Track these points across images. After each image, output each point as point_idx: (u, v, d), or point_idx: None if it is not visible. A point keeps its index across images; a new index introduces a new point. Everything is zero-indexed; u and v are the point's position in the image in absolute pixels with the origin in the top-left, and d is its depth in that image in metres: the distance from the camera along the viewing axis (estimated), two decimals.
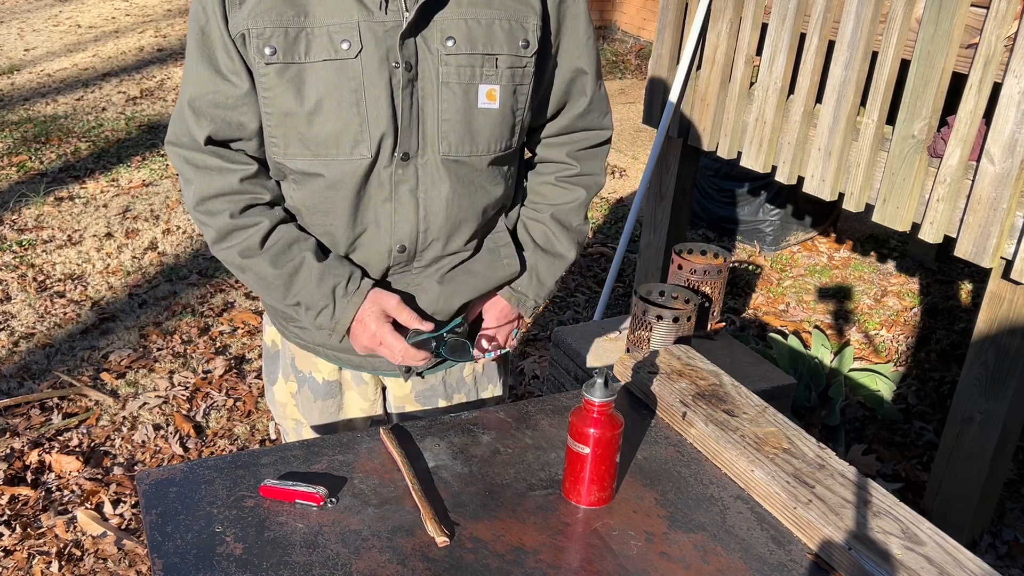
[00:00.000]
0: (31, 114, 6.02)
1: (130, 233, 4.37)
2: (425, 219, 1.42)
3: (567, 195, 1.57)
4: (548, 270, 1.58)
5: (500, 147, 1.42)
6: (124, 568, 2.40)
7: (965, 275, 4.22)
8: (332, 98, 1.32)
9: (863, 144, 2.58)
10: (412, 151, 1.37)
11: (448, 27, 1.33)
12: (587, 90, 1.50)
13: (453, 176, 1.40)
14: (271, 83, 1.31)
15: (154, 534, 1.18)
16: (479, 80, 1.35)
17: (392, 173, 1.37)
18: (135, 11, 9.15)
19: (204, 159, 1.38)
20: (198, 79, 1.34)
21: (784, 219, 4.40)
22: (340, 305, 1.41)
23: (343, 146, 1.34)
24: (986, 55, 2.23)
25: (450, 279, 1.49)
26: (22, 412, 3.01)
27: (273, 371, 1.68)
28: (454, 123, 1.36)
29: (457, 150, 1.38)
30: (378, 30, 1.30)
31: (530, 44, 1.37)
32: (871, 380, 3.20)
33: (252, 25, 1.28)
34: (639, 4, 8.28)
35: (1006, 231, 2.29)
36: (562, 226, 1.57)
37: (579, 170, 1.56)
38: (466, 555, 1.18)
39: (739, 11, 2.90)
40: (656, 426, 1.50)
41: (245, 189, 1.39)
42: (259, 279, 1.42)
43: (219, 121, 1.35)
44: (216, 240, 1.41)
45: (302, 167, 1.37)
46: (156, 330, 3.53)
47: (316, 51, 1.30)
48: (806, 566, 1.20)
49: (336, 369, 1.61)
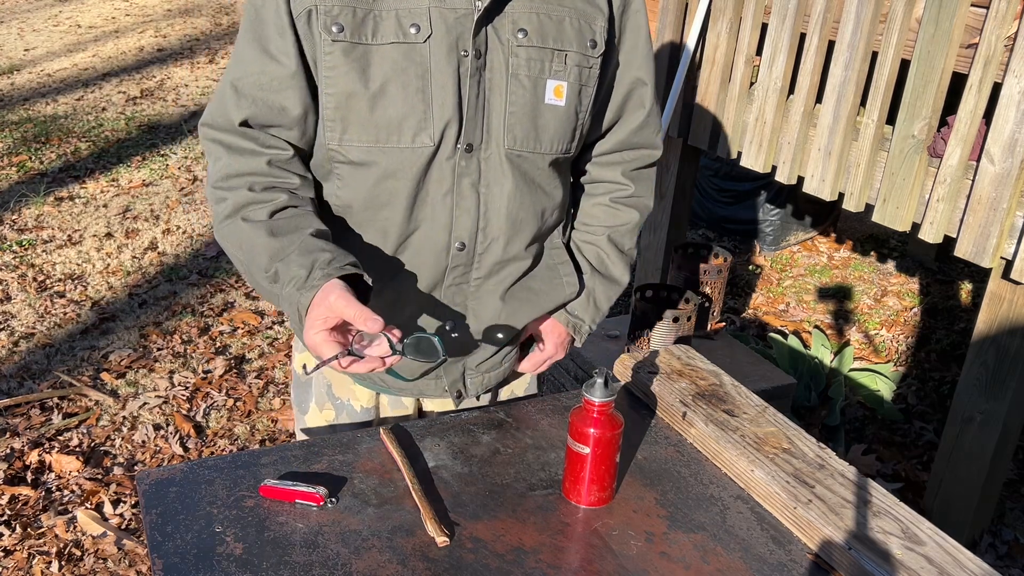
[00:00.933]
0: (31, 114, 6.03)
1: (130, 233, 4.37)
2: (486, 215, 1.36)
3: (622, 216, 1.53)
4: (604, 294, 1.54)
5: (562, 148, 1.38)
6: (124, 568, 2.40)
7: (965, 275, 4.22)
8: (397, 82, 1.28)
9: (863, 144, 2.58)
10: (476, 143, 1.33)
11: (520, 19, 1.30)
12: (645, 103, 1.47)
13: (516, 172, 1.36)
14: (336, 62, 1.27)
15: (154, 534, 1.18)
16: (548, 75, 1.33)
17: (455, 165, 1.33)
18: (135, 11, 9.15)
19: (236, 140, 1.32)
20: (245, 60, 1.30)
21: (784, 219, 4.40)
22: (314, 276, 1.22)
23: (405, 133, 1.30)
24: (986, 55, 2.23)
25: (512, 296, 1.44)
26: (22, 412, 3.01)
27: (304, 399, 1.62)
28: (520, 116, 1.33)
29: (522, 145, 1.34)
30: (449, 16, 1.27)
31: (597, 44, 1.35)
32: (871, 380, 3.20)
33: (320, 2, 1.25)
34: None
35: (1006, 231, 2.29)
36: (617, 249, 1.54)
37: (633, 191, 1.53)
38: (466, 555, 1.18)
39: (739, 11, 2.90)
40: (656, 426, 1.50)
41: (272, 172, 1.33)
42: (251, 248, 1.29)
43: (260, 104, 1.31)
44: (229, 214, 1.31)
45: (359, 155, 1.32)
46: (156, 330, 3.53)
47: (384, 33, 1.27)
48: (806, 566, 1.20)
49: (373, 395, 1.56)
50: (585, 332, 1.55)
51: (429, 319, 1.44)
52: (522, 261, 1.43)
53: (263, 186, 1.32)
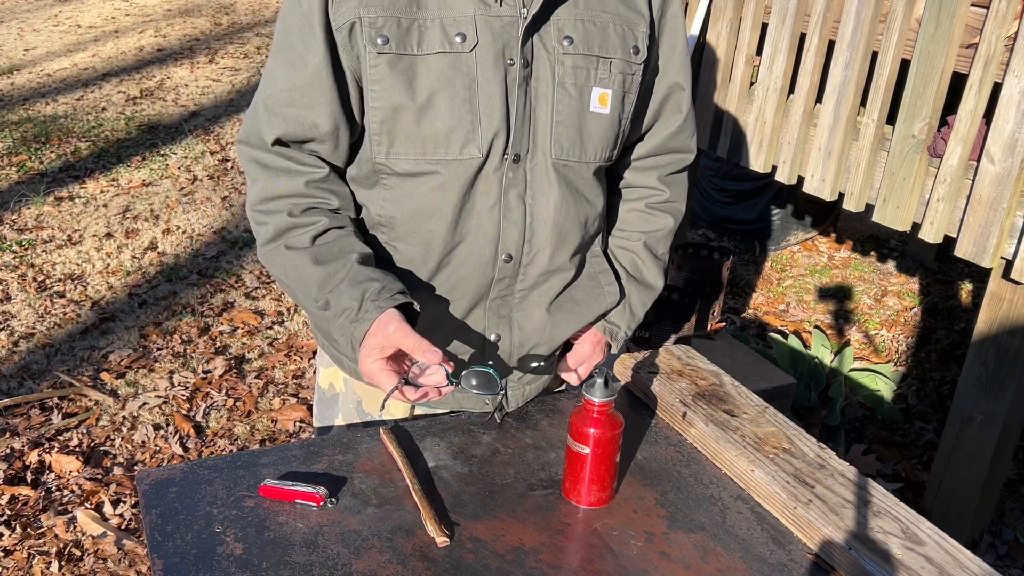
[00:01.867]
0: (31, 114, 6.03)
1: (130, 233, 4.37)
2: (532, 226, 1.34)
3: (657, 222, 1.52)
4: (640, 300, 1.52)
5: (605, 155, 1.37)
6: (124, 568, 2.40)
7: (965, 275, 4.22)
8: (444, 93, 1.26)
9: (863, 144, 2.58)
10: (523, 153, 1.31)
11: (565, 26, 1.29)
12: (682, 107, 1.45)
13: (562, 182, 1.34)
14: (382, 74, 1.25)
15: (154, 534, 1.18)
16: (593, 83, 1.31)
17: (502, 176, 1.30)
18: (135, 11, 9.15)
19: (273, 159, 1.31)
20: (275, 77, 1.29)
21: (784, 219, 4.40)
22: (365, 308, 1.24)
23: (453, 144, 1.27)
24: (986, 55, 2.23)
25: (557, 307, 1.41)
26: (22, 412, 3.01)
27: (329, 415, 1.59)
28: (567, 125, 1.31)
29: (568, 154, 1.32)
30: (495, 24, 1.25)
31: (640, 51, 1.34)
32: (871, 380, 3.20)
33: (364, 13, 1.23)
34: None
35: (1006, 231, 2.29)
36: (652, 254, 1.52)
37: (668, 196, 1.51)
38: (466, 555, 1.18)
39: (739, 11, 2.90)
40: (656, 426, 1.50)
41: (310, 193, 1.32)
42: (298, 276, 1.30)
43: (292, 120, 1.29)
44: (271, 239, 1.31)
45: (407, 167, 1.30)
46: (156, 330, 3.53)
47: (429, 43, 1.25)
48: (806, 566, 1.20)
49: (408, 409, 1.53)
50: (621, 338, 1.52)
51: (473, 330, 1.41)
52: (567, 272, 1.41)
53: (302, 208, 1.31)
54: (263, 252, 1.34)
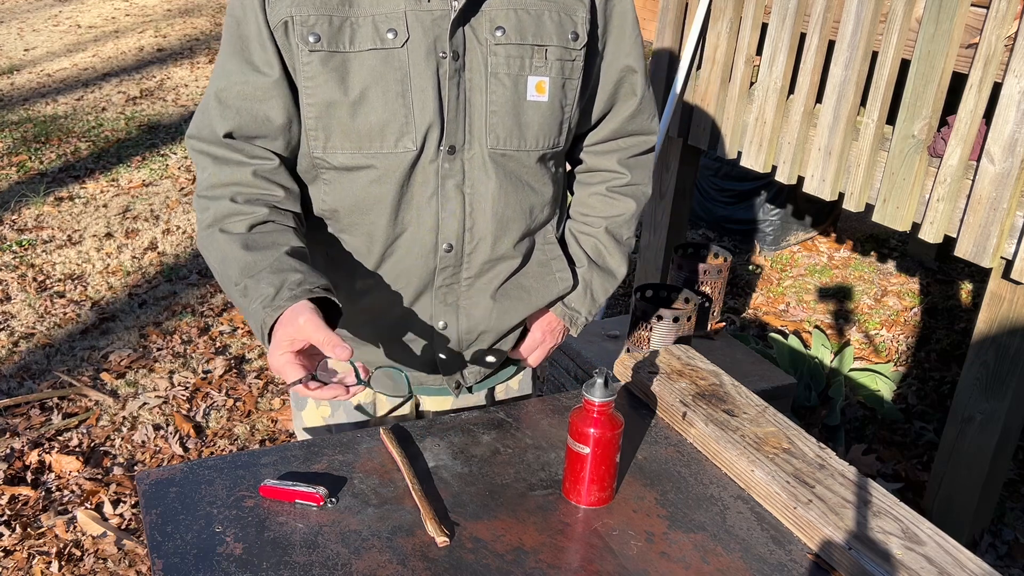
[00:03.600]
0: (31, 114, 6.03)
1: (130, 233, 4.37)
2: (471, 216, 1.36)
3: (619, 206, 1.53)
4: (601, 287, 1.54)
5: (548, 143, 1.38)
6: (124, 568, 2.40)
7: (965, 275, 4.22)
8: (377, 88, 1.28)
9: (863, 144, 2.58)
10: (458, 144, 1.32)
11: (497, 16, 1.30)
12: (637, 90, 1.45)
13: (501, 171, 1.35)
14: (314, 71, 1.27)
15: (154, 534, 1.18)
16: (528, 71, 1.32)
17: (438, 167, 1.33)
18: (135, 11, 9.15)
19: (222, 152, 1.33)
20: (228, 71, 1.31)
21: (784, 219, 4.40)
22: (281, 296, 1.20)
23: (388, 138, 1.30)
24: (986, 55, 2.23)
25: (503, 294, 1.44)
26: (22, 412, 3.01)
27: (303, 397, 1.62)
28: (502, 115, 1.32)
29: (505, 144, 1.34)
30: (425, 19, 1.27)
31: (579, 36, 1.34)
32: (871, 380, 3.20)
33: (296, 12, 1.25)
34: (639, 4, 8.28)
35: (1006, 231, 2.29)
36: (615, 240, 1.53)
37: (629, 179, 1.52)
38: (466, 555, 1.18)
39: (739, 11, 2.90)
40: (656, 426, 1.50)
41: (256, 183, 1.33)
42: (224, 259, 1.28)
43: (244, 114, 1.31)
44: (210, 223, 1.32)
45: (343, 161, 1.32)
46: (156, 330, 3.53)
47: (361, 40, 1.27)
48: (806, 566, 1.20)
49: (371, 392, 1.57)
50: (581, 323, 1.55)
51: (421, 319, 1.44)
52: (512, 260, 1.43)
53: (246, 198, 1.33)
54: (201, 237, 1.34)
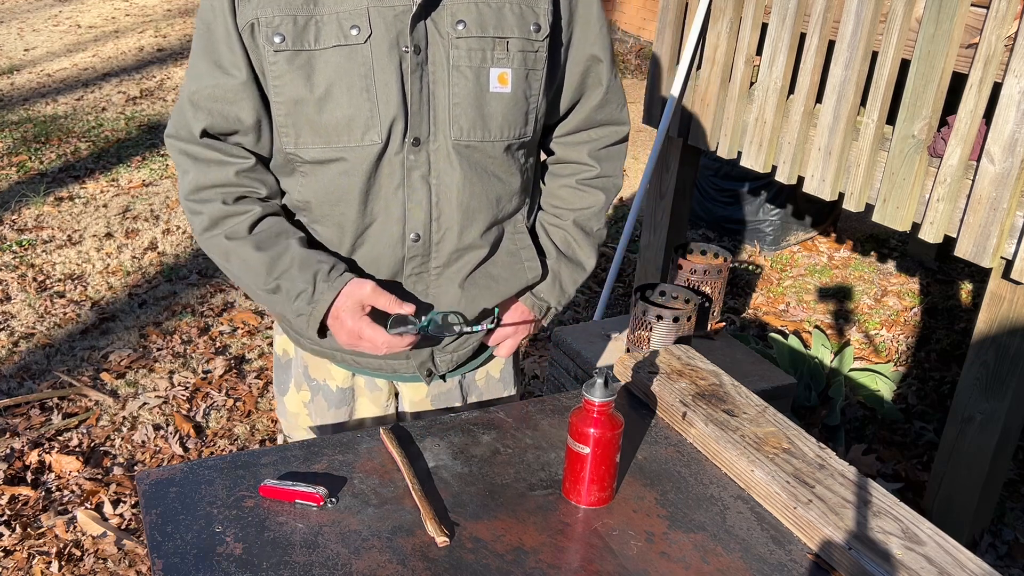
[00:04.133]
0: (31, 114, 6.03)
1: (130, 233, 4.37)
2: (438, 206, 1.39)
3: (588, 199, 1.55)
4: (570, 277, 1.56)
5: (513, 134, 1.40)
6: (124, 568, 2.40)
7: (965, 275, 4.22)
8: (342, 84, 1.31)
9: (863, 144, 2.58)
10: (423, 136, 1.35)
11: (458, 10, 1.32)
12: (603, 79, 1.48)
13: (465, 162, 1.38)
14: (281, 71, 1.31)
15: (154, 534, 1.18)
16: (490, 63, 1.34)
17: (403, 159, 1.36)
18: (135, 11, 9.15)
19: (201, 151, 1.38)
20: (199, 73, 1.35)
21: (784, 219, 4.40)
22: (319, 289, 1.36)
23: (354, 132, 1.33)
24: (986, 55, 2.23)
25: (472, 283, 1.47)
26: (22, 412, 3.01)
27: (285, 381, 1.66)
28: (465, 107, 1.35)
29: (469, 135, 1.36)
30: (387, 14, 1.30)
31: (541, 28, 1.36)
32: (871, 380, 3.20)
33: (261, 14, 1.29)
34: (639, 4, 8.28)
35: (1006, 231, 2.29)
36: (584, 232, 1.55)
37: (599, 172, 1.54)
38: (466, 555, 1.18)
39: (739, 11, 2.90)
40: (656, 426, 1.50)
41: (240, 182, 1.39)
42: (243, 262, 1.39)
43: (216, 114, 1.36)
44: (207, 227, 1.39)
45: (314, 155, 1.36)
46: (156, 330, 3.53)
47: (326, 37, 1.30)
48: (806, 566, 1.20)
49: (349, 376, 1.59)
50: (551, 314, 1.58)
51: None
52: (479, 249, 1.46)
53: (235, 197, 1.39)
54: (202, 239, 1.42)
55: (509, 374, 1.69)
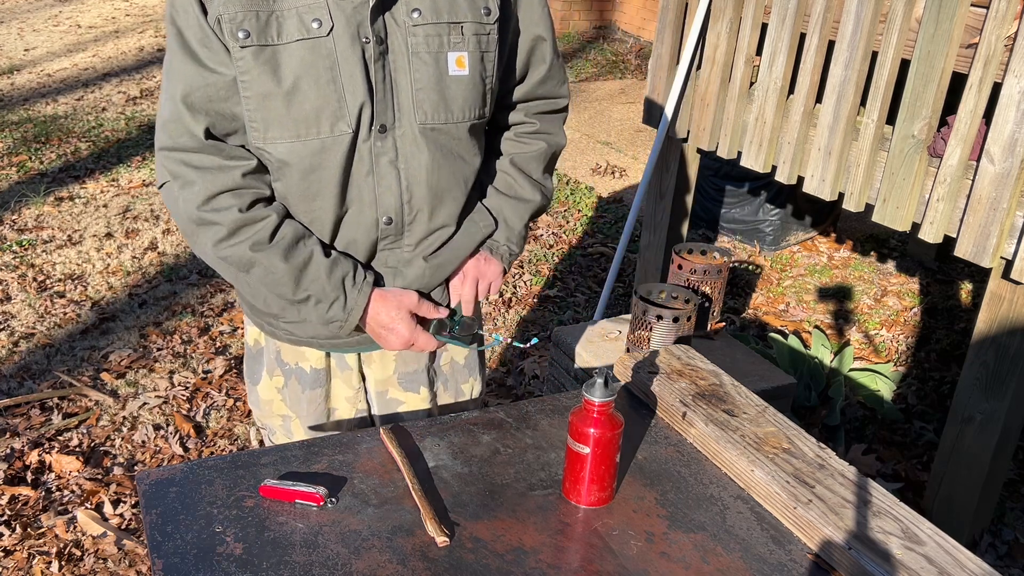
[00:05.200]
0: (31, 114, 6.03)
1: (130, 233, 4.37)
2: (408, 189, 1.44)
3: (526, 147, 1.62)
4: (515, 213, 1.61)
5: (474, 114, 1.46)
6: (124, 568, 2.40)
7: (965, 275, 4.22)
8: (309, 76, 1.34)
9: (863, 144, 2.58)
10: (388, 123, 1.39)
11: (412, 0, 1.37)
12: (546, 57, 1.55)
13: (432, 145, 1.43)
14: (247, 66, 1.33)
15: (154, 534, 1.18)
16: (448, 48, 1.40)
17: (371, 146, 1.40)
18: (135, 11, 9.15)
19: (204, 159, 1.37)
20: (185, 76, 1.35)
21: (784, 219, 4.40)
22: (351, 295, 1.44)
23: (323, 123, 1.36)
24: (986, 55, 2.23)
25: (435, 256, 1.53)
26: (22, 412, 3.01)
27: (256, 370, 1.68)
28: (428, 92, 1.40)
29: (433, 118, 1.41)
30: (346, 7, 1.33)
31: (491, 11, 1.42)
32: (871, 380, 3.20)
33: (224, 11, 1.30)
34: (639, 4, 8.28)
35: (1006, 231, 2.29)
36: (522, 172, 1.61)
37: (538, 127, 1.61)
38: (466, 555, 1.18)
39: (739, 11, 2.90)
40: (656, 426, 1.50)
41: (248, 184, 1.39)
42: (268, 274, 1.41)
43: (214, 114, 1.36)
44: (225, 236, 1.38)
45: (283, 151, 1.38)
46: (156, 330, 3.53)
47: (288, 32, 1.33)
48: (806, 566, 1.20)
49: (324, 356, 1.62)
50: (504, 252, 1.62)
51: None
52: (449, 227, 1.52)
53: (248, 202, 1.39)
54: (218, 250, 1.40)
55: (473, 360, 1.73)
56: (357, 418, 1.69)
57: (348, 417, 1.68)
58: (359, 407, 1.68)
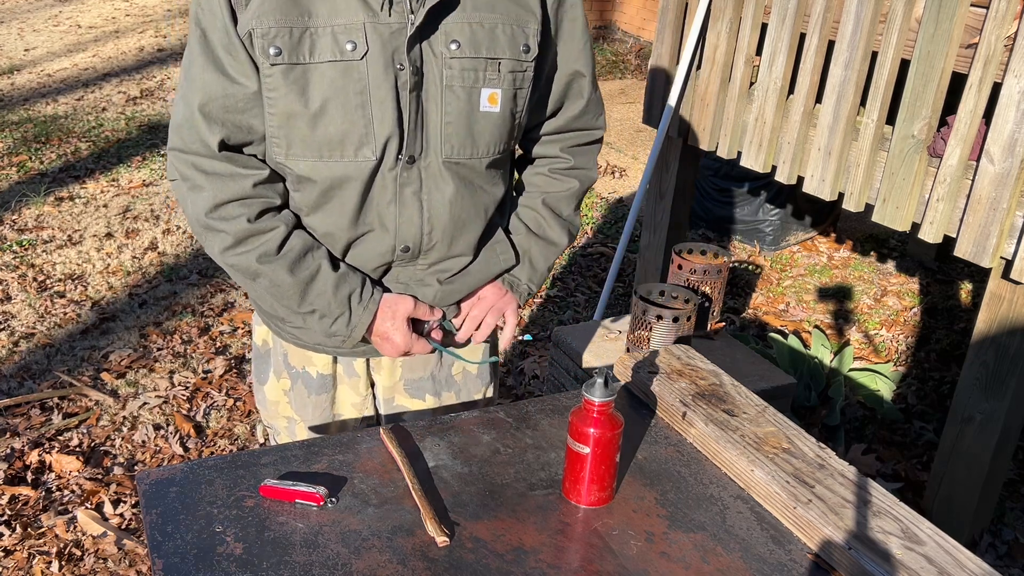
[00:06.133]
0: (31, 114, 6.03)
1: (130, 233, 4.37)
2: (429, 221, 1.42)
3: (559, 185, 1.59)
4: (541, 255, 1.59)
5: (499, 149, 1.43)
6: (124, 568, 2.40)
7: (965, 275, 4.22)
8: (337, 100, 1.31)
9: (863, 144, 2.58)
10: (416, 154, 1.37)
11: (452, 31, 1.33)
12: (584, 92, 1.51)
13: (455, 178, 1.40)
14: (276, 84, 1.30)
15: (154, 534, 1.18)
16: (482, 84, 1.36)
17: (397, 175, 1.38)
18: (135, 11, 9.15)
19: (216, 165, 1.35)
20: (205, 83, 1.32)
21: (784, 219, 4.40)
22: (356, 312, 1.43)
23: (347, 148, 1.34)
24: (986, 55, 2.23)
25: (450, 280, 1.51)
26: (22, 412, 3.01)
27: (264, 370, 1.67)
28: (457, 126, 1.37)
29: (459, 153, 1.39)
30: (384, 32, 1.30)
31: (531, 49, 1.38)
32: (871, 380, 3.20)
33: (257, 24, 1.27)
34: (639, 4, 8.28)
35: (1006, 231, 2.29)
36: (553, 213, 1.59)
37: (572, 163, 1.58)
38: (466, 555, 1.18)
39: (739, 11, 2.90)
40: (656, 426, 1.50)
41: (259, 193, 1.37)
42: (274, 285, 1.40)
43: (230, 126, 1.34)
44: (232, 245, 1.37)
45: (305, 170, 1.36)
46: (156, 330, 3.53)
47: (321, 51, 1.29)
48: (806, 566, 1.20)
49: (331, 362, 1.61)
50: (524, 291, 1.59)
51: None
52: (465, 256, 1.50)
53: (256, 212, 1.37)
54: (226, 257, 1.39)
55: (485, 371, 1.71)
56: (363, 422, 1.68)
57: (354, 420, 1.68)
58: (366, 413, 1.67)
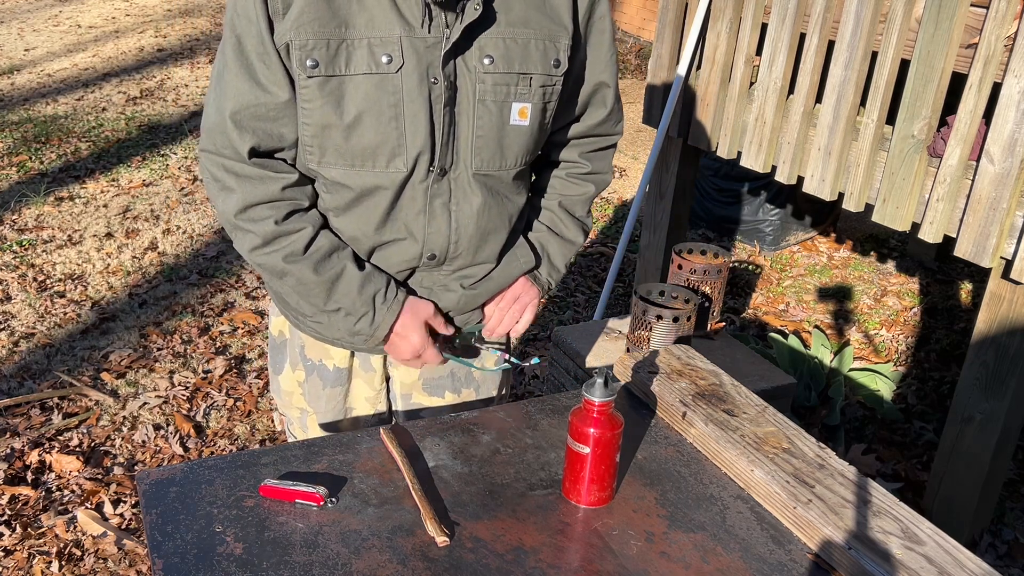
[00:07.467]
0: (31, 114, 6.03)
1: (130, 233, 4.37)
2: (457, 231, 1.44)
3: (576, 189, 1.61)
4: (559, 251, 1.61)
5: (525, 160, 1.46)
6: (124, 568, 2.40)
7: (965, 275, 4.22)
8: (372, 112, 1.32)
9: (863, 144, 2.58)
10: (447, 166, 1.39)
11: (487, 46, 1.34)
12: (607, 102, 1.53)
13: (484, 189, 1.43)
14: (311, 95, 1.31)
15: (154, 534, 1.18)
16: (513, 98, 1.38)
17: (428, 187, 1.40)
18: (135, 11, 9.15)
19: (246, 168, 1.36)
20: (238, 91, 1.33)
21: (784, 219, 4.40)
22: (380, 312, 1.44)
23: (380, 159, 1.36)
24: (986, 55, 2.23)
25: (473, 286, 1.53)
26: (22, 412, 3.01)
27: (280, 360, 1.70)
28: (487, 140, 1.39)
29: (488, 165, 1.41)
30: (419, 46, 1.31)
31: (561, 64, 1.40)
32: (871, 380, 3.20)
33: (295, 36, 1.28)
34: (639, 4, 8.28)
35: (1006, 231, 2.29)
36: (568, 214, 1.61)
37: (590, 168, 1.60)
38: (466, 555, 1.18)
39: (739, 11, 2.90)
40: (656, 426, 1.50)
41: (287, 196, 1.39)
42: (300, 284, 1.42)
43: (261, 134, 1.35)
44: (260, 245, 1.39)
45: (336, 176, 1.38)
46: (156, 330, 3.53)
47: (357, 63, 1.30)
48: (806, 566, 1.20)
49: (348, 355, 1.63)
50: (544, 282, 1.61)
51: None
52: (489, 263, 1.52)
53: (284, 213, 1.39)
54: (254, 256, 1.42)
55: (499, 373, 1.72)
56: (376, 417, 1.69)
57: (366, 415, 1.68)
58: (379, 407, 1.68)
